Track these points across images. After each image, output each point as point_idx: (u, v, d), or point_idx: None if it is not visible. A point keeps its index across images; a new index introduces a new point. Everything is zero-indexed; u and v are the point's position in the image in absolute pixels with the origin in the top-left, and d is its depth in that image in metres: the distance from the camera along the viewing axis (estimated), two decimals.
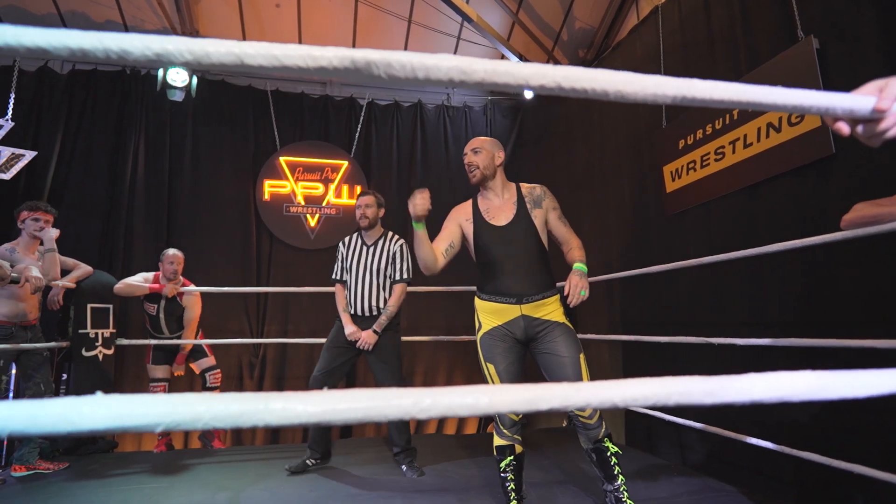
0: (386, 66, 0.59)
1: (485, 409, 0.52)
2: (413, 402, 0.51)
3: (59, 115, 4.62)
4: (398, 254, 2.99)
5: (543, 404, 0.53)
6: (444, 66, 0.60)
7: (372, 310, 2.94)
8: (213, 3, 4.79)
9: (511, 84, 0.61)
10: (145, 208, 4.74)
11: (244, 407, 0.49)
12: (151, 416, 0.46)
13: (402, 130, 5.44)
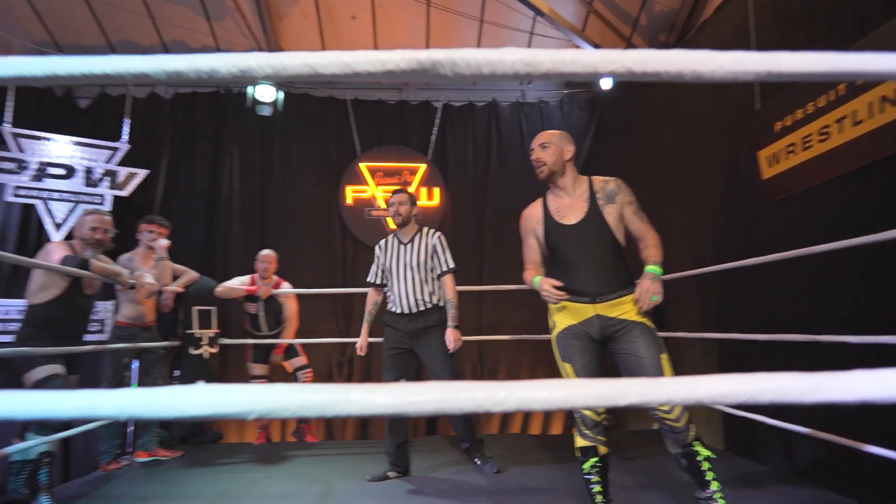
0: (451, 64, 0.60)
1: (559, 403, 0.51)
2: (487, 395, 0.51)
3: (165, 136, 5.10)
4: (438, 246, 2.95)
5: (622, 399, 0.51)
6: (509, 60, 0.59)
7: (419, 305, 2.89)
8: (295, 21, 5.06)
9: (579, 72, 0.60)
10: (241, 217, 5.11)
11: (327, 397, 0.51)
12: (245, 405, 0.50)
13: (477, 130, 5.46)
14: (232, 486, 2.67)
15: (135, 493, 2.61)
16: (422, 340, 2.88)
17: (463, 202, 5.37)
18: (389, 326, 2.99)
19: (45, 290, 2.63)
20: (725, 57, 0.55)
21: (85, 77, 0.57)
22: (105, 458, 3.07)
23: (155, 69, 0.55)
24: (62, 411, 0.50)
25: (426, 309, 2.89)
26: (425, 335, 2.87)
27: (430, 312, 2.90)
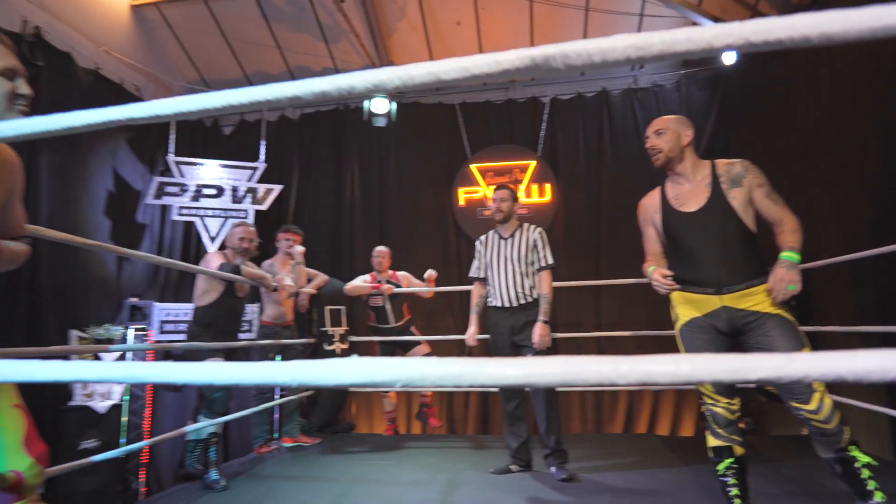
0: (563, 57, 0.63)
1: (685, 376, 0.52)
2: (612, 368, 0.53)
3: (294, 153, 5.63)
4: (538, 241, 2.94)
5: (751, 374, 0.50)
6: (620, 46, 0.61)
7: (519, 298, 2.90)
8: (403, 34, 5.31)
9: (693, 50, 0.60)
10: (362, 223, 5.47)
11: (462, 370, 0.57)
12: (392, 375, 0.58)
13: (587, 122, 5.32)
14: (366, 472, 2.88)
15: (283, 473, 2.92)
16: (523, 336, 2.88)
17: (576, 196, 5.26)
18: (492, 327, 3.02)
19: (207, 294, 3.04)
20: (858, 15, 0.51)
21: (253, 104, 0.69)
22: (258, 442, 3.47)
23: (305, 91, 0.65)
24: (252, 379, 0.62)
25: (527, 303, 2.89)
26: (527, 330, 2.87)
27: (531, 306, 2.90)
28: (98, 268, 4.60)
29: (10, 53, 1.20)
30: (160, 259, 3.82)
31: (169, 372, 0.67)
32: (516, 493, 2.45)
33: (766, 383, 0.52)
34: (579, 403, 4.85)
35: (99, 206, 4.64)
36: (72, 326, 4.16)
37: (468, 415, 4.96)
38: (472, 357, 0.57)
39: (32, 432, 1.29)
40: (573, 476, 2.68)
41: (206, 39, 5.34)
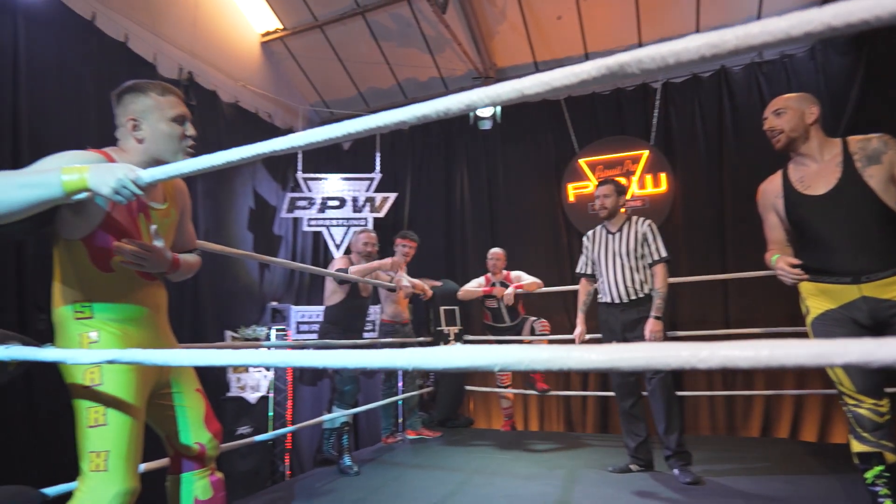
0: (637, 62, 0.67)
1: (766, 361, 0.53)
2: (691, 353, 0.57)
3: (407, 161, 5.93)
4: (649, 234, 2.82)
5: (836, 359, 0.51)
6: (693, 46, 0.64)
7: (630, 294, 2.80)
8: (505, 36, 5.37)
9: (770, 42, 0.61)
10: (473, 224, 5.62)
11: (552, 355, 0.64)
12: (490, 359, 0.66)
13: (705, 105, 4.97)
14: (484, 465, 2.99)
15: (409, 461, 3.13)
16: (636, 333, 2.79)
17: (695, 184, 4.94)
18: (602, 323, 2.96)
19: (334, 295, 3.35)
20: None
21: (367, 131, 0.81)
22: (385, 433, 3.73)
23: (409, 116, 0.76)
24: (372, 363, 0.74)
25: (638, 298, 2.80)
26: (639, 327, 2.77)
27: (643, 302, 2.80)
28: (245, 276, 5.24)
29: (180, 102, 1.46)
30: (295, 264, 4.26)
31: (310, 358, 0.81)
32: (633, 492, 2.40)
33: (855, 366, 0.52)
34: (708, 406, 4.55)
35: (243, 222, 5.28)
36: (226, 327, 4.78)
37: (586, 415, 4.88)
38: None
39: (210, 412, 1.57)
40: (698, 479, 2.54)
41: (324, 64, 5.83)
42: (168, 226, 1.49)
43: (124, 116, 1.41)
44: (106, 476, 1.20)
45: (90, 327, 1.30)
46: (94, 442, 1.22)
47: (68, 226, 1.30)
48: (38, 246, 3.29)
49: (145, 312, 1.40)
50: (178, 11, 4.71)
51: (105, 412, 1.23)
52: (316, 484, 2.67)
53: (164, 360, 0.97)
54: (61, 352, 1.14)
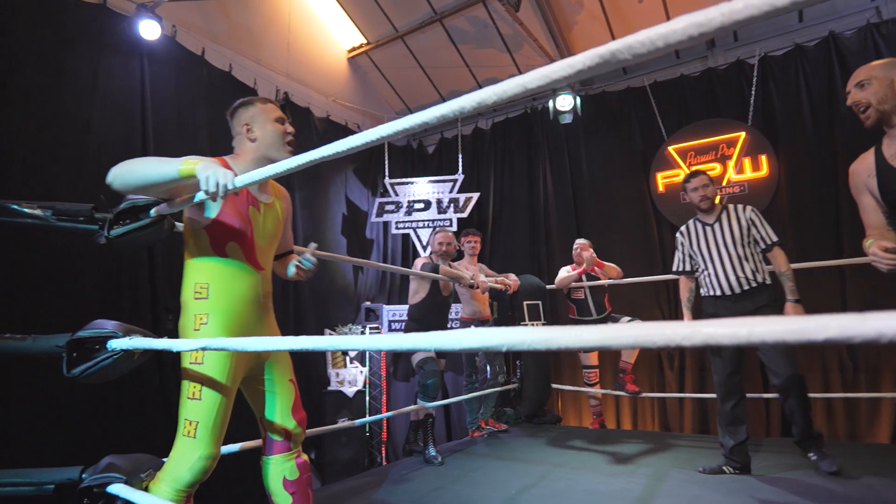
0: (628, 48, 0.69)
1: (746, 337, 0.53)
2: (674, 331, 0.58)
3: (489, 160, 5.99)
4: (755, 219, 2.69)
5: (816, 335, 0.49)
6: (680, 27, 0.65)
7: (742, 284, 2.63)
8: (583, 26, 5.25)
9: (756, 16, 0.60)
10: (557, 219, 5.55)
11: (549, 335, 0.68)
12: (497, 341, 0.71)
13: (812, 76, 4.52)
14: (567, 460, 2.97)
15: (492, 453, 3.19)
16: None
17: (801, 165, 4.50)
18: (711, 318, 2.78)
19: (417, 294, 3.50)
20: None
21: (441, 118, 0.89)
22: (471, 427, 3.82)
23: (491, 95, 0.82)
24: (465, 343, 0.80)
25: (752, 288, 2.64)
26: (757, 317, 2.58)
27: (757, 292, 2.64)
28: (341, 278, 5.60)
29: (277, 108, 1.72)
30: (381, 265, 4.49)
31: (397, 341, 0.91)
32: (723, 493, 2.27)
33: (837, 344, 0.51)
34: (824, 410, 4.12)
35: (337, 228, 5.65)
36: (325, 326, 5.15)
37: (683, 417, 4.63)
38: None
39: (298, 402, 1.75)
40: (841, 468, 2.41)
41: (407, 72, 6.07)
42: (273, 219, 1.71)
43: (239, 124, 1.68)
44: (193, 442, 1.42)
45: (204, 310, 1.53)
46: (189, 412, 1.45)
47: (195, 217, 1.54)
48: (166, 257, 3.79)
49: (252, 296, 1.60)
50: (273, 39, 5.15)
51: (201, 388, 1.45)
52: (402, 472, 2.82)
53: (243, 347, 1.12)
54: (168, 341, 1.35)
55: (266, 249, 1.67)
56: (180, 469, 1.41)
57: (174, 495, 1.39)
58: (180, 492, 1.40)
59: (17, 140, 3.14)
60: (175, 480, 1.40)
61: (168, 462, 1.43)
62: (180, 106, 4.14)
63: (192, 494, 1.45)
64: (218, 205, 1.52)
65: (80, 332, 1.44)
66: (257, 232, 1.62)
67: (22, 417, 2.91)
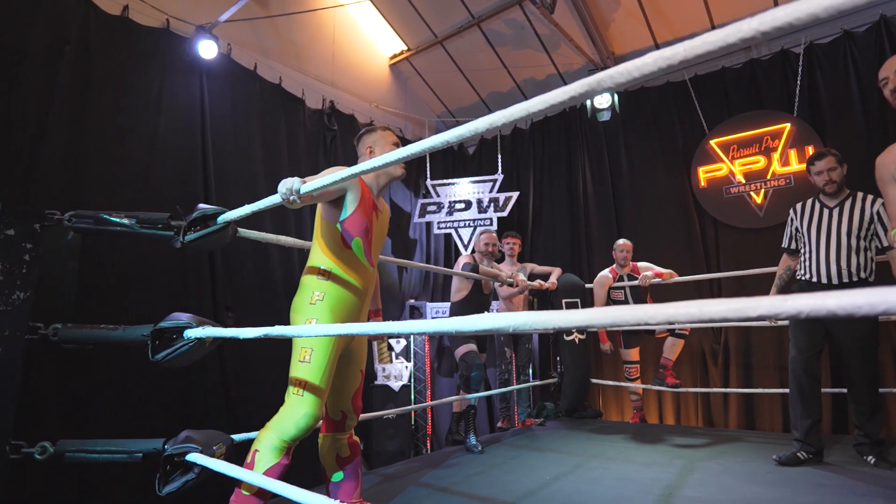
0: (610, 78, 0.81)
1: (697, 316, 0.66)
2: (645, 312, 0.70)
3: (528, 160, 6.08)
4: (883, 214, 2.52)
5: (750, 312, 0.61)
6: (651, 60, 0.77)
7: (843, 276, 2.53)
8: (620, 23, 5.25)
9: (712, 50, 0.72)
10: (597, 217, 5.58)
11: (542, 318, 0.82)
12: (501, 323, 0.85)
13: (861, 63, 4.38)
14: (603, 451, 3.06)
15: (530, 444, 3.31)
16: (843, 322, 2.53)
17: (853, 155, 4.32)
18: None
19: (459, 292, 3.65)
20: None
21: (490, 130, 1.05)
22: (521, 418, 3.96)
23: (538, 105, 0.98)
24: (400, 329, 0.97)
25: (852, 282, 2.52)
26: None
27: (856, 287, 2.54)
28: (387, 277, 5.82)
29: (393, 135, 2.02)
30: (424, 265, 4.69)
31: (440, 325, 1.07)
32: (756, 484, 2.31)
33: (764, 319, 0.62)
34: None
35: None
36: None
37: (728, 412, 4.58)
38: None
39: (360, 391, 1.97)
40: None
41: (447, 76, 6.23)
42: (381, 226, 1.97)
43: (364, 147, 1.99)
44: (301, 400, 1.62)
45: (322, 288, 1.76)
46: (300, 372, 1.64)
47: (330, 214, 1.79)
48: (225, 262, 4.11)
49: (362, 287, 1.85)
50: (319, 51, 5.43)
51: (311, 352, 1.65)
52: (444, 459, 2.98)
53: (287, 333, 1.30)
54: (234, 330, 1.56)
55: (377, 250, 1.94)
56: (287, 423, 1.59)
57: (280, 444, 1.58)
58: (284, 442, 1.59)
59: (92, 154, 3.50)
60: (282, 432, 1.59)
61: (278, 415, 1.62)
62: (236, 118, 4.46)
63: (292, 448, 1.62)
64: (353, 205, 1.75)
65: (162, 323, 1.68)
66: (375, 233, 1.88)
67: (109, 397, 3.27)
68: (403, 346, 5.35)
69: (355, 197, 1.76)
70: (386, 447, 4.86)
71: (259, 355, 4.11)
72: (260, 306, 4.31)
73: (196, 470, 1.59)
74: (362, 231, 1.78)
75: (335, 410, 1.91)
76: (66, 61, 3.46)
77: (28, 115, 3.25)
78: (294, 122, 4.97)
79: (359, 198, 1.76)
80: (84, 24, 3.59)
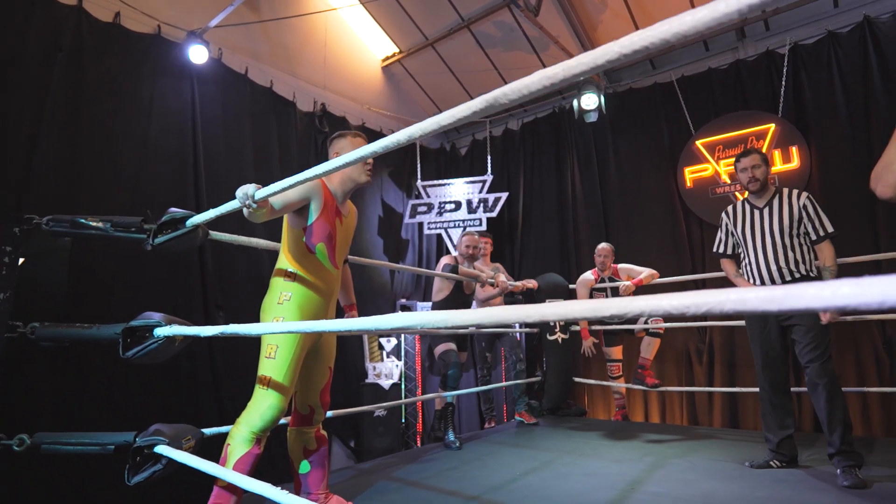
0: (503, 95, 0.88)
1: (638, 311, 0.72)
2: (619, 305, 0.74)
3: (518, 161, 6.14)
4: (809, 207, 2.55)
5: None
6: (535, 80, 0.83)
7: (784, 275, 2.52)
8: (608, 25, 5.29)
9: (583, 72, 0.78)
10: (586, 217, 5.63)
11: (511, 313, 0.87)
12: (464, 319, 0.92)
13: (845, 63, 4.40)
14: (578, 447, 3.12)
15: (508, 441, 3.38)
16: (794, 319, 2.53)
17: (836, 155, 4.40)
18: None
19: (441, 292, 3.72)
20: None
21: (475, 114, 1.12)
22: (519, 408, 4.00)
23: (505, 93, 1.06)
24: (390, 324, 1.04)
25: (793, 280, 2.53)
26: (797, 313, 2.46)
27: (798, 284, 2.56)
28: (378, 278, 5.90)
29: (364, 141, 2.02)
30: (403, 266, 4.75)
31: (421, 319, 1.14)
32: (720, 480, 2.37)
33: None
34: (859, 403, 4.04)
35: (374, 229, 5.95)
36: None
37: (713, 411, 4.63)
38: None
39: (328, 387, 2.05)
40: (862, 483, 2.21)
41: (439, 78, 6.30)
42: (346, 230, 2.05)
43: (332, 152, 2.04)
44: (266, 393, 1.72)
45: (289, 289, 1.84)
46: (265, 369, 1.74)
47: (295, 221, 1.87)
48: (215, 263, 4.20)
49: (325, 288, 1.94)
50: (311, 54, 5.51)
51: (276, 349, 1.75)
52: (422, 455, 3.06)
53: (248, 332, 1.38)
54: (196, 328, 1.64)
55: (342, 253, 2.03)
56: (254, 415, 1.70)
57: (249, 435, 1.68)
58: (253, 434, 1.69)
59: (85, 158, 3.60)
60: (249, 424, 1.69)
61: (246, 409, 1.73)
62: (227, 121, 4.55)
63: (262, 439, 1.71)
64: (316, 213, 1.85)
65: (133, 321, 1.76)
66: (339, 238, 1.96)
67: (101, 396, 3.36)
68: (394, 345, 5.43)
69: (318, 205, 1.85)
70: (376, 445, 4.94)
71: (250, 353, 4.17)
72: (250, 305, 4.37)
73: (164, 461, 1.68)
74: (325, 237, 1.88)
75: (303, 405, 1.98)
76: (59, 67, 3.56)
77: (21, 121, 3.35)
78: (285, 125, 5.05)
79: (321, 205, 1.86)
80: (76, 30, 3.69)
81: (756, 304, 0.58)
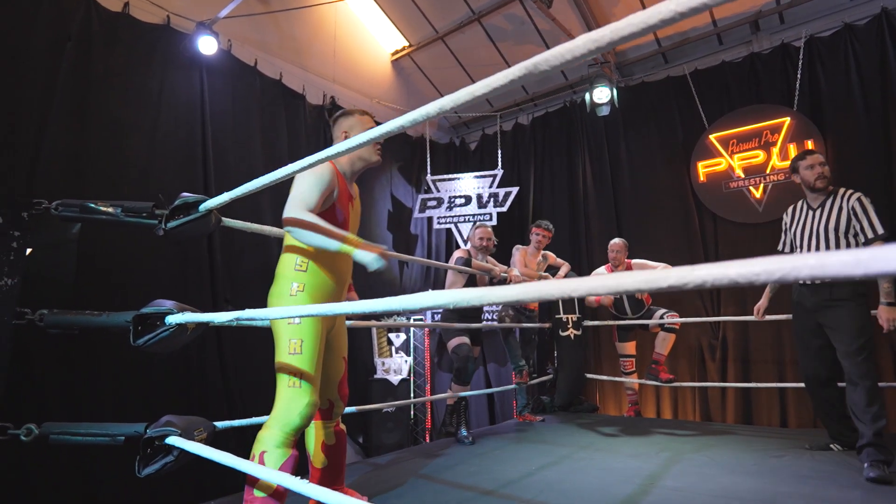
0: (545, 61, 0.83)
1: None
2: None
3: (529, 155, 6.08)
4: (858, 207, 2.51)
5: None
6: (581, 43, 0.78)
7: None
8: (622, 17, 5.22)
9: (635, 32, 0.73)
10: (597, 212, 5.57)
11: (485, 293, 0.84)
12: (453, 298, 0.88)
13: (862, 56, 4.33)
14: (593, 442, 3.07)
15: (521, 436, 3.33)
16: (828, 315, 2.54)
17: (853, 149, 4.32)
18: (795, 305, 2.76)
19: (454, 285, 3.67)
20: None
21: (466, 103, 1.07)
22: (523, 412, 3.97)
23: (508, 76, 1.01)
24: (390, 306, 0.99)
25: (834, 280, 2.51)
26: (832, 309, 2.52)
27: (840, 284, 2.51)
28: (388, 272, 5.84)
29: (371, 120, 1.95)
30: (416, 259, 4.72)
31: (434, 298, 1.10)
32: (738, 475, 2.32)
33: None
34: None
35: (383, 223, 5.91)
36: (373, 316, 5.42)
37: (726, 406, 4.57)
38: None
39: (345, 379, 1.97)
40: (887, 478, 2.17)
41: (448, 72, 6.25)
42: (356, 212, 1.98)
43: (339, 131, 1.92)
44: (299, 392, 1.61)
45: (302, 280, 1.75)
46: (293, 364, 1.63)
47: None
48: (224, 250, 4.16)
49: (339, 275, 1.84)
50: (320, 47, 5.47)
51: (301, 343, 1.65)
52: (434, 449, 3.01)
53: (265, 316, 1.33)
54: (210, 315, 1.60)
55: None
56: (291, 415, 1.59)
57: (284, 438, 1.57)
58: (289, 435, 1.58)
59: (93, 149, 3.57)
60: (286, 425, 1.58)
61: (276, 411, 1.61)
62: (235, 113, 4.51)
63: (296, 440, 1.62)
64: (333, 199, 1.78)
65: (144, 309, 1.72)
66: (351, 222, 1.89)
67: (111, 387, 3.34)
68: (403, 341, 5.39)
69: (336, 191, 1.80)
70: (385, 441, 4.90)
71: (258, 346, 4.15)
72: (259, 297, 4.34)
73: (175, 453, 1.63)
74: (341, 223, 1.81)
75: (323, 399, 1.91)
76: (68, 57, 3.52)
77: (30, 111, 3.32)
78: (295, 118, 5.01)
79: (338, 191, 1.80)
80: (85, 20, 3.66)
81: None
